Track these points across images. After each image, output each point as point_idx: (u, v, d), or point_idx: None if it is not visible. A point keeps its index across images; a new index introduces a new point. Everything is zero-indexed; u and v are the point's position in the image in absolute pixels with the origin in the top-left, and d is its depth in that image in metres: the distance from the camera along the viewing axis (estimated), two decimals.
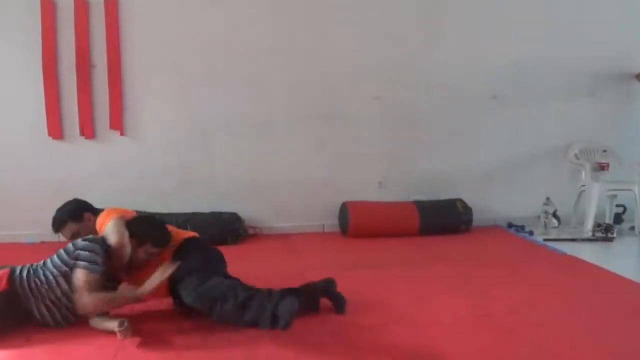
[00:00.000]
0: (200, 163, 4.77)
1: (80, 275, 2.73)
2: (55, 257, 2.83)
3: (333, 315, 3.05)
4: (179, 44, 4.75)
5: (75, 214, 3.04)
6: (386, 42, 4.96)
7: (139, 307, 3.02)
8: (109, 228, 2.87)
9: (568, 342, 2.71)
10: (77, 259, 2.76)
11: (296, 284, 3.43)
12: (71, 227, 3.02)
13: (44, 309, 2.77)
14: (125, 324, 2.67)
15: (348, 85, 4.97)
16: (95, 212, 3.08)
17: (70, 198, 3.27)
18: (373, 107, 5.01)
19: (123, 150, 4.67)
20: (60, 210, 3.07)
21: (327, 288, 3.16)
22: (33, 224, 4.65)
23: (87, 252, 2.77)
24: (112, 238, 2.84)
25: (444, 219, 4.93)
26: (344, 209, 4.88)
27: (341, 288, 3.46)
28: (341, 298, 3.14)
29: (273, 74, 4.87)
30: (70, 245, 2.84)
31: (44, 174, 4.59)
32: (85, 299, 2.71)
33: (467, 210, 4.96)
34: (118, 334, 2.64)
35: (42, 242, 4.64)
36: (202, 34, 4.77)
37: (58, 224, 3.03)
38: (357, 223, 4.77)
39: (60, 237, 4.70)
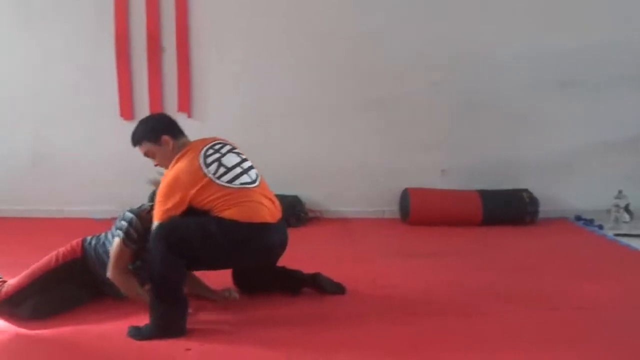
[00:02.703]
0: (263, 146, 4.77)
1: (114, 245, 2.78)
2: (113, 228, 2.91)
3: (391, 303, 3.04)
4: (246, 29, 4.81)
5: (151, 135, 2.82)
6: (450, 27, 4.83)
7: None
8: (153, 227, 2.66)
9: (636, 342, 2.60)
10: (119, 228, 2.81)
11: (348, 269, 3.47)
12: (146, 146, 2.83)
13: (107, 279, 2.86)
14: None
15: (412, 71, 4.88)
16: (177, 135, 2.86)
17: (138, 177, 3.33)
18: (438, 93, 4.91)
19: (190, 132, 4.64)
20: (140, 126, 2.90)
21: (314, 280, 3.11)
22: (103, 201, 4.87)
23: (125, 223, 2.79)
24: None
25: (509, 209, 4.78)
26: (405, 195, 4.83)
27: (398, 275, 3.50)
28: (334, 286, 3.12)
29: (337, 59, 4.86)
30: (120, 215, 2.87)
31: (115, 153, 4.75)
32: (111, 272, 2.77)
33: (533, 201, 4.79)
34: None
35: (112, 218, 4.83)
36: (269, 19, 4.80)
37: (134, 140, 2.86)
38: (418, 210, 4.71)
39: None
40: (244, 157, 2.91)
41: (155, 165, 2.90)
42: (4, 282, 2.86)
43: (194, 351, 2.48)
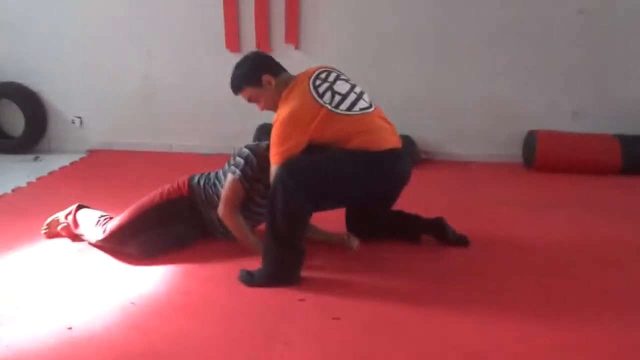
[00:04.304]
0: (374, 81, 4.41)
1: (227, 181, 2.65)
2: (225, 166, 2.77)
3: (519, 258, 2.73)
4: None
5: (251, 78, 2.58)
6: None
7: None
8: (272, 171, 2.45)
9: None
10: (234, 165, 2.66)
11: (470, 219, 3.19)
12: (248, 91, 2.61)
13: (218, 220, 2.74)
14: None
15: None
16: (278, 72, 2.62)
17: (244, 112, 3.14)
18: (575, 23, 4.30)
19: (297, 64, 4.33)
20: (236, 71, 2.64)
21: (437, 226, 2.84)
22: (211, 136, 4.80)
23: (241, 160, 2.64)
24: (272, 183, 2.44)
25: None
26: (532, 138, 4.34)
27: (524, 228, 3.15)
28: (457, 236, 2.83)
29: None
30: (236, 151, 2.73)
31: (222, 87, 4.53)
32: (222, 210, 2.64)
33: None
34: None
35: (219, 154, 4.76)
36: None
37: (235, 88, 2.65)
38: (546, 155, 4.21)
39: (236, 150, 4.84)
40: (353, 82, 2.65)
41: (262, 110, 2.68)
42: (110, 218, 2.82)
43: (308, 302, 2.30)
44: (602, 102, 4.42)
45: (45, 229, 2.90)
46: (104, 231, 2.72)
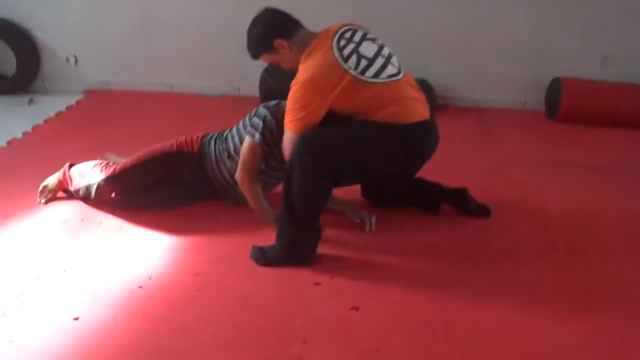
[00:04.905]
0: (388, 20, 4.13)
1: (245, 144, 2.49)
2: (240, 123, 2.59)
3: (547, 234, 2.58)
4: None
5: (263, 45, 2.35)
6: None
7: None
8: (285, 138, 2.29)
9: None
10: (252, 126, 2.48)
11: (488, 181, 3.07)
12: (265, 57, 2.41)
13: (227, 180, 2.61)
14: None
15: None
16: (292, 32, 2.32)
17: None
18: None
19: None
20: (249, 38, 2.40)
21: (460, 197, 2.69)
22: (215, 76, 4.54)
23: (258, 121, 2.46)
24: (285, 152, 2.31)
25: None
26: (557, 85, 4.09)
27: (551, 194, 2.98)
28: (479, 206, 2.70)
29: None
30: (253, 111, 2.54)
31: (226, 23, 4.28)
32: (239, 174, 2.49)
33: None
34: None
35: (224, 95, 4.52)
36: None
37: (252, 55, 2.43)
38: (572, 104, 3.97)
39: (241, 91, 4.62)
40: (380, 42, 2.37)
41: (288, 69, 2.42)
42: (108, 164, 2.72)
43: (324, 286, 2.19)
44: (634, 48, 4.13)
45: (41, 199, 2.73)
46: (106, 171, 2.63)
